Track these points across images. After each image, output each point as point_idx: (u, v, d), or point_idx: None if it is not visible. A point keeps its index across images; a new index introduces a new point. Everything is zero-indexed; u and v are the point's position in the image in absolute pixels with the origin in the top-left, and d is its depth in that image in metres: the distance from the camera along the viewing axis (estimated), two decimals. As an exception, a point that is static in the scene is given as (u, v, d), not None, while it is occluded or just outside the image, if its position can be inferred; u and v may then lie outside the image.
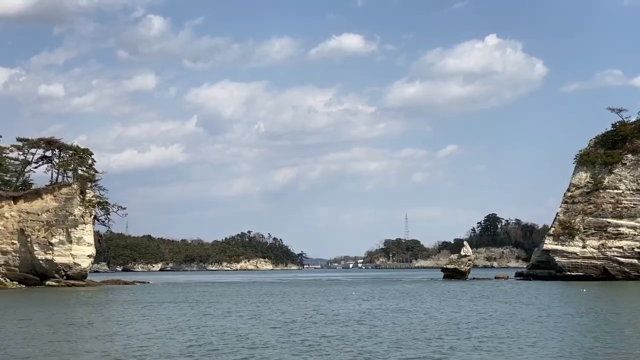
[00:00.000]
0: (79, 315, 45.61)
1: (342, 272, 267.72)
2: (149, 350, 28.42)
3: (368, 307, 50.49)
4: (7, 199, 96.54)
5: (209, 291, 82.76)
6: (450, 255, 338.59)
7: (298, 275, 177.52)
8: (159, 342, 31.24)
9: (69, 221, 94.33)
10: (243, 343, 30.29)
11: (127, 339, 32.47)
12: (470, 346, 28.88)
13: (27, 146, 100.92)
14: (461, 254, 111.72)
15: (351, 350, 27.82)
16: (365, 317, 42.00)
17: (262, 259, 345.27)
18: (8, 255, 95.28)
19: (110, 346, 29.90)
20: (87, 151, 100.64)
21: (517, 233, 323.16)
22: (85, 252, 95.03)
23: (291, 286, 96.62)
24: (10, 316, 45.00)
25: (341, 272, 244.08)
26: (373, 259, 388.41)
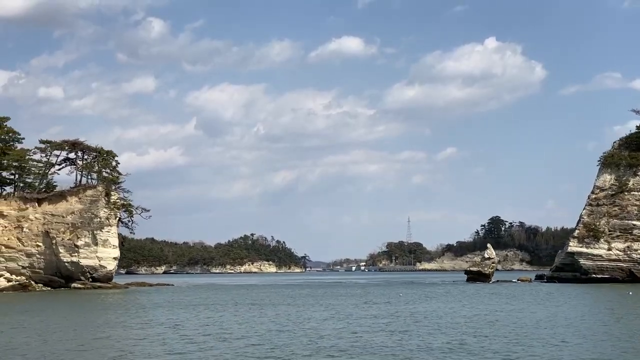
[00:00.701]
0: (161, 317, 44.89)
1: (349, 274, 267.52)
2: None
3: (455, 310, 49.21)
4: (32, 201, 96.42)
5: (248, 293, 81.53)
6: (454, 257, 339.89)
7: (310, 278, 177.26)
8: (304, 339, 31.11)
9: (95, 223, 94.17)
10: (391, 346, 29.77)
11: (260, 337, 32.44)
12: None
13: (50, 148, 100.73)
14: (485, 256, 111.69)
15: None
16: (476, 321, 40.87)
17: (266, 262, 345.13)
18: (33, 258, 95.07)
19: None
20: (110, 153, 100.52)
21: (521, 235, 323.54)
22: (110, 254, 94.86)
23: (322, 288, 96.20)
24: (97, 318, 44.67)
25: (348, 275, 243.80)
26: (375, 261, 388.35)
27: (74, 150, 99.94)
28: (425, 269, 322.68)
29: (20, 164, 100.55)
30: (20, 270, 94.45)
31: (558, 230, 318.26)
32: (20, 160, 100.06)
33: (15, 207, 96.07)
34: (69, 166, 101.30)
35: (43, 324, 41.46)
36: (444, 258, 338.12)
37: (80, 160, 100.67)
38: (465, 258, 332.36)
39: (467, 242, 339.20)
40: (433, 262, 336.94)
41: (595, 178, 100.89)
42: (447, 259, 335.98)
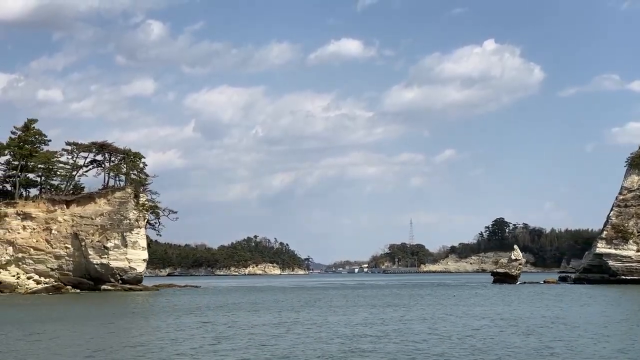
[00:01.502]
0: (243, 321, 44.31)
1: (354, 276, 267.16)
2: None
3: (525, 313, 48.62)
4: (60, 203, 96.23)
5: (300, 295, 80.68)
6: (458, 259, 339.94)
7: (323, 280, 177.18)
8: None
9: (124, 225, 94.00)
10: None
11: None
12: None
13: (77, 150, 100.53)
14: (511, 257, 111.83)
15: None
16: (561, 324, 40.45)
17: (270, 264, 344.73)
18: (62, 260, 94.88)
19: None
20: (138, 155, 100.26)
21: (525, 237, 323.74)
22: (140, 256, 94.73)
23: (354, 289, 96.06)
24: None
25: (355, 277, 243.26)
26: (378, 263, 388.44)
27: (102, 152, 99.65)
28: (429, 271, 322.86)
29: (47, 166, 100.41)
30: (49, 272, 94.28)
31: (562, 232, 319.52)
32: (47, 163, 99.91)
33: (44, 209, 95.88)
34: (96, 168, 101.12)
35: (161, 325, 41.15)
36: (448, 260, 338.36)
37: (107, 162, 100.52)
38: (470, 260, 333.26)
39: (471, 243, 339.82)
40: (437, 264, 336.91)
41: (623, 179, 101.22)
42: (452, 261, 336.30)
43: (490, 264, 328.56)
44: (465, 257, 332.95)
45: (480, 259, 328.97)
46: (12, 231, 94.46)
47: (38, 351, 29.97)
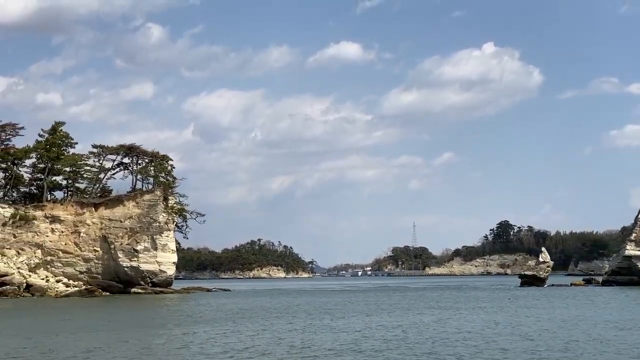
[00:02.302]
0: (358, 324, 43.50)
1: (362, 280, 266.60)
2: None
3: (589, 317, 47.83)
4: (88, 205, 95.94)
5: (343, 300, 78.48)
6: (463, 262, 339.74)
7: (336, 283, 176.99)
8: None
9: (154, 228, 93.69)
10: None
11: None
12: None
13: (103, 153, 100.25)
14: (539, 260, 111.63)
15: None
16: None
17: (274, 267, 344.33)
18: (90, 263, 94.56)
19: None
20: (165, 157, 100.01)
21: (530, 240, 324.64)
22: (170, 259, 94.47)
23: (388, 292, 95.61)
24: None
25: (367, 280, 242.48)
26: (381, 266, 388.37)
27: (129, 155, 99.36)
28: (434, 274, 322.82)
29: (73, 169, 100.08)
30: (77, 275, 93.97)
31: (567, 235, 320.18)
32: (74, 165, 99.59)
33: (72, 212, 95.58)
34: (123, 171, 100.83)
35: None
36: (453, 263, 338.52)
37: (134, 165, 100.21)
38: (475, 263, 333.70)
39: (475, 246, 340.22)
40: (442, 267, 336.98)
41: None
42: (457, 264, 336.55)
43: (495, 266, 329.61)
44: (470, 260, 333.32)
45: (486, 262, 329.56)
46: (41, 234, 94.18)
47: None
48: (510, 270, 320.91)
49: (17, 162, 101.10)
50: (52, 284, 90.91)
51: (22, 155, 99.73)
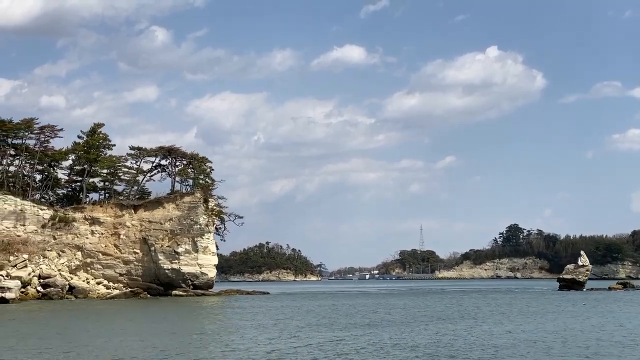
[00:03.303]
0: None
1: (378, 283, 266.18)
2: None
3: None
4: (128, 207, 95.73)
5: (372, 303, 78.07)
6: (472, 265, 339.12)
7: (358, 287, 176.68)
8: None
9: (195, 230, 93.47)
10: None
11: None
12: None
13: (142, 154, 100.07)
14: (578, 263, 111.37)
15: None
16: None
17: (284, 270, 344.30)
18: (130, 265, 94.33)
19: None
20: (204, 159, 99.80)
21: (540, 243, 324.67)
22: (211, 261, 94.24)
23: (425, 296, 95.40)
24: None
25: (381, 283, 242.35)
26: (388, 269, 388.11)
27: (168, 157, 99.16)
28: (444, 277, 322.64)
29: (111, 171, 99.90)
30: (117, 277, 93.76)
31: (577, 238, 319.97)
32: (111, 167, 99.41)
33: (112, 213, 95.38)
34: (160, 173, 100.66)
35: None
36: (462, 266, 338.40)
37: (172, 167, 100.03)
38: (485, 266, 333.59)
39: (485, 250, 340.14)
40: (452, 271, 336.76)
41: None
42: (466, 267, 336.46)
43: (505, 270, 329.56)
44: (480, 264, 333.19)
45: (495, 265, 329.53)
46: (81, 236, 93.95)
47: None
48: (520, 273, 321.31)
49: (55, 164, 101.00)
50: (92, 286, 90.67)
51: (61, 157, 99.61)
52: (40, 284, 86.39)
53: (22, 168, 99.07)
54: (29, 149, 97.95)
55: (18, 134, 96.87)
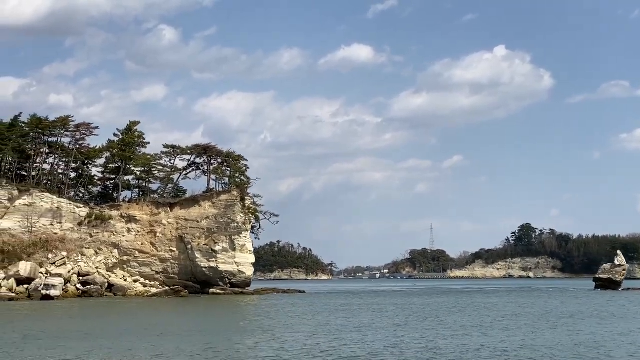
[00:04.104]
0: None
1: (393, 282, 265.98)
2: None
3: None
4: (164, 205, 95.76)
5: (418, 302, 77.31)
6: (484, 265, 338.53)
7: (374, 285, 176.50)
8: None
9: (232, 228, 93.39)
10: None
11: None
12: None
13: (175, 153, 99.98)
14: (615, 263, 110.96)
15: None
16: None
17: (295, 269, 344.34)
18: (167, 263, 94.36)
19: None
20: (240, 157, 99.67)
21: (552, 243, 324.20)
22: (248, 259, 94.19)
23: (462, 295, 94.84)
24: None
25: (399, 283, 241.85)
26: (399, 268, 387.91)
27: (204, 155, 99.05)
28: (456, 277, 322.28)
29: (145, 169, 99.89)
30: (154, 275, 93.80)
31: (590, 238, 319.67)
32: (146, 165, 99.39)
33: (148, 212, 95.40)
34: (195, 171, 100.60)
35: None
36: (475, 265, 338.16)
37: (206, 165, 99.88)
38: (497, 265, 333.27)
39: (497, 249, 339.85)
40: (464, 270, 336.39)
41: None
42: (478, 267, 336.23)
43: (517, 269, 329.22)
44: (492, 263, 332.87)
45: (508, 265, 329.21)
46: (117, 234, 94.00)
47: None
48: (533, 273, 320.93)
49: (89, 162, 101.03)
50: (130, 283, 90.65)
51: (95, 155, 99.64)
52: (80, 281, 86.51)
53: (57, 166, 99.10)
54: (63, 147, 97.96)
55: (54, 132, 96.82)
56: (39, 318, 51.38)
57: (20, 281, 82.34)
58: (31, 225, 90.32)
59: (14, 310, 59.70)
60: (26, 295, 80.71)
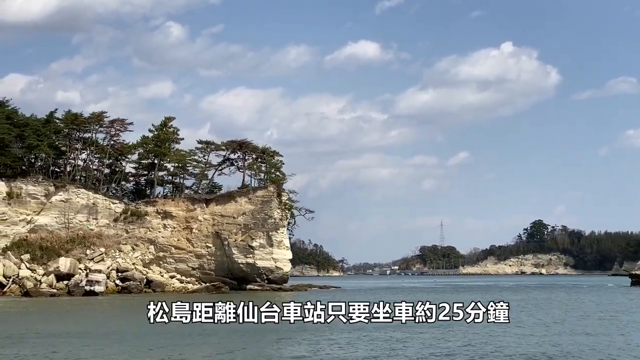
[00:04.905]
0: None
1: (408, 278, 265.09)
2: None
3: None
4: (200, 201, 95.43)
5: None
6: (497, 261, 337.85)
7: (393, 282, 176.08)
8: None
9: (269, 224, 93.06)
10: None
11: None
12: None
13: (210, 149, 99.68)
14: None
15: None
16: None
17: (307, 265, 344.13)
18: (203, 259, 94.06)
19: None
20: (276, 153, 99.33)
21: (565, 239, 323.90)
22: (286, 255, 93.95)
23: (523, 291, 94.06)
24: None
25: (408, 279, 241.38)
26: (409, 265, 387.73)
27: (240, 151, 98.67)
28: (469, 273, 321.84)
29: (179, 165, 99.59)
30: (190, 271, 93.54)
31: (602, 235, 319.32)
32: (180, 161, 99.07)
33: (183, 208, 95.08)
34: (229, 167, 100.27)
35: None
36: (486, 262, 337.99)
37: (240, 161, 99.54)
38: (509, 262, 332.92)
39: (509, 246, 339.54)
40: (476, 266, 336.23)
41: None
42: (490, 263, 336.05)
43: (530, 266, 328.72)
44: (504, 260, 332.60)
45: (520, 261, 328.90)
46: (153, 230, 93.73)
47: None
48: (545, 270, 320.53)
49: (122, 158, 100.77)
50: (167, 279, 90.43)
51: (129, 150, 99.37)
52: (118, 277, 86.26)
53: (91, 162, 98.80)
54: (97, 142, 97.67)
55: (88, 128, 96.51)
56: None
57: (59, 277, 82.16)
58: (68, 221, 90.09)
59: (86, 306, 59.24)
60: (66, 291, 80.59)
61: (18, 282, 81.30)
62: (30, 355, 28.42)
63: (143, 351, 29.39)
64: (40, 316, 49.86)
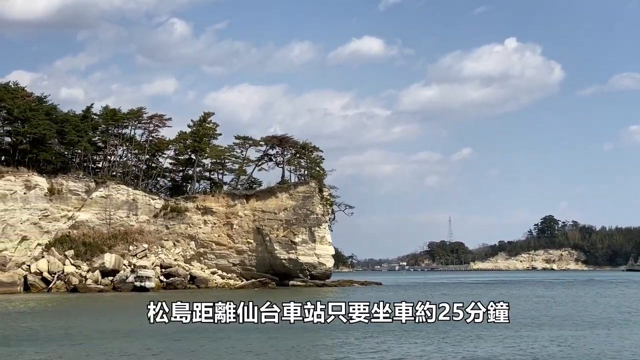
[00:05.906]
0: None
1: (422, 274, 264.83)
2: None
3: None
4: (240, 197, 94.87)
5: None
6: (507, 257, 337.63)
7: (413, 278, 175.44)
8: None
9: (311, 220, 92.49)
10: None
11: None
12: None
13: (248, 144, 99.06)
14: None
15: None
16: None
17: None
18: (244, 255, 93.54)
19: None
20: (315, 148, 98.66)
21: (576, 235, 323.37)
22: (328, 251, 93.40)
23: (571, 287, 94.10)
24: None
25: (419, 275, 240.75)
26: (418, 261, 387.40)
27: (279, 146, 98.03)
28: (479, 269, 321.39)
29: (218, 161, 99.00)
30: (231, 267, 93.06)
31: (613, 230, 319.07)
32: (218, 157, 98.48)
33: (224, 203, 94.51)
34: (268, 162, 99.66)
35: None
36: (497, 257, 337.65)
37: (280, 156, 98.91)
38: (520, 258, 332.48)
39: (519, 241, 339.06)
40: (487, 262, 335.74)
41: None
42: (501, 259, 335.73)
43: (541, 261, 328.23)
44: (515, 255, 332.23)
45: (531, 257, 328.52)
46: (194, 226, 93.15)
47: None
48: (556, 265, 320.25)
49: (159, 154, 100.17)
50: (209, 275, 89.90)
51: (166, 146, 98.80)
52: (162, 273, 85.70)
53: (129, 158, 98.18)
54: (134, 138, 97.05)
55: (127, 123, 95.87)
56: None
57: (104, 273, 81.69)
58: (109, 217, 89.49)
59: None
60: (111, 287, 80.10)
61: (63, 278, 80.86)
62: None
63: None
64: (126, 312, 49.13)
